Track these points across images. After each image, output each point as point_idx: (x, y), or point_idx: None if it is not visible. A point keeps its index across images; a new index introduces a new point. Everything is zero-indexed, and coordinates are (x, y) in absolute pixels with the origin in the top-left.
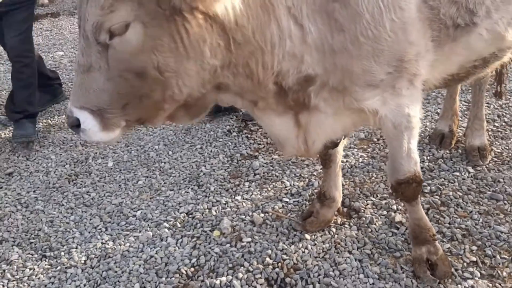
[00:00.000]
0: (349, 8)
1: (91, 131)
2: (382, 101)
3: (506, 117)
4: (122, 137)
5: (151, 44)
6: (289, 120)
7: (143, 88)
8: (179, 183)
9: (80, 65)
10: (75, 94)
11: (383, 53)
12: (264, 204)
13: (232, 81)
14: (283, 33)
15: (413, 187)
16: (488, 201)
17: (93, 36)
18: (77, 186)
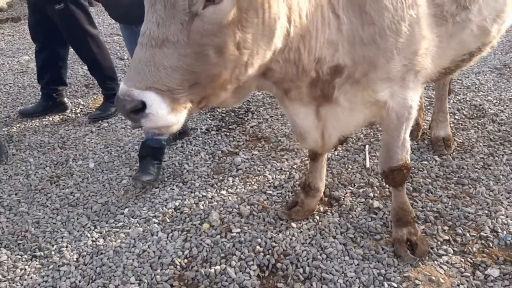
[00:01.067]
0: (379, 2)
1: (159, 115)
2: (391, 93)
3: (465, 110)
4: (181, 125)
5: (238, 17)
6: (312, 111)
7: (218, 66)
8: (164, 181)
9: (152, 38)
10: (139, 73)
11: (403, 45)
12: (249, 196)
13: (280, 66)
14: (324, 19)
15: (404, 173)
16: (455, 186)
17: (186, 3)
18: (60, 188)
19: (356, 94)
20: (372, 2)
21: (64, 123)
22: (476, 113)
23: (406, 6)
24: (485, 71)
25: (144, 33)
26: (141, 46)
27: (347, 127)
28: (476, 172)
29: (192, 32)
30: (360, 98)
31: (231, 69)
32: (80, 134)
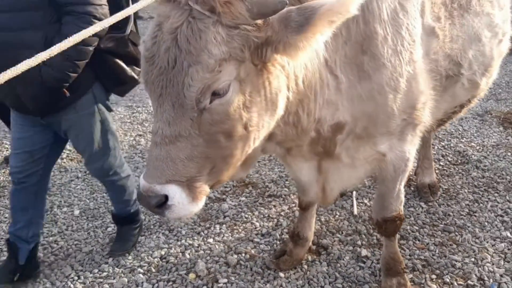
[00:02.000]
0: (376, 60)
1: (180, 205)
2: (390, 146)
3: (450, 156)
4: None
5: (243, 101)
6: (314, 166)
7: (229, 148)
8: (150, 228)
9: (165, 136)
10: (157, 169)
11: (401, 101)
12: (237, 245)
13: (280, 129)
14: (323, 82)
15: (397, 223)
16: (442, 233)
17: (194, 102)
18: (43, 236)
19: (357, 149)
20: (369, 60)
21: None
22: (460, 159)
23: (404, 62)
24: (468, 117)
25: (156, 132)
26: (155, 145)
27: (349, 181)
28: (462, 219)
29: (202, 124)
30: (362, 152)
31: (241, 147)
32: (65, 180)
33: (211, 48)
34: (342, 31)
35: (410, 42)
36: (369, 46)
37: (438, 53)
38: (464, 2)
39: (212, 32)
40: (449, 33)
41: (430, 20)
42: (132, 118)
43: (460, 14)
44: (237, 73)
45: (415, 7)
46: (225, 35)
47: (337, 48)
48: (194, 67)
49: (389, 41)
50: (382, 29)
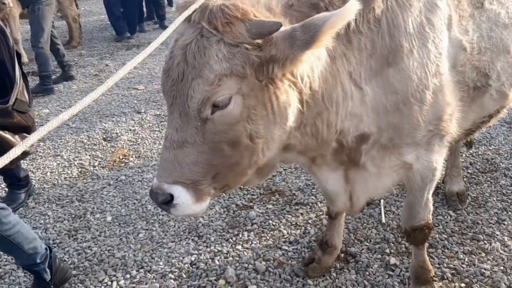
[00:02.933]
0: (402, 72)
1: (184, 205)
2: (417, 156)
3: (478, 164)
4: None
5: (247, 114)
6: (340, 175)
7: (235, 157)
8: (179, 234)
9: (173, 141)
10: (166, 170)
11: (427, 112)
12: (265, 252)
13: (299, 140)
14: (346, 94)
15: (425, 232)
16: (471, 242)
17: (196, 112)
18: (77, 241)
19: (383, 159)
20: (395, 73)
21: (82, 176)
22: (489, 167)
23: (430, 75)
24: (496, 124)
25: (167, 137)
26: (166, 148)
27: (376, 190)
28: (491, 227)
29: (206, 132)
30: (387, 162)
31: (248, 157)
32: (98, 187)
33: (213, 64)
34: (366, 45)
35: (436, 55)
36: (395, 59)
37: (466, 65)
38: (493, 15)
39: (214, 49)
40: (477, 45)
41: (458, 33)
42: (160, 127)
43: (489, 26)
44: (239, 88)
45: (441, 20)
46: (227, 53)
47: (361, 61)
48: (196, 80)
49: (414, 54)
50: (407, 42)
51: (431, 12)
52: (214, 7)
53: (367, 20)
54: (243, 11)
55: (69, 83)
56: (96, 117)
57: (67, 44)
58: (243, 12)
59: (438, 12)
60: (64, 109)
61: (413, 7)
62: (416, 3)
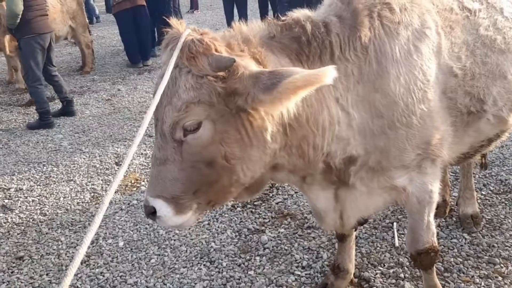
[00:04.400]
0: (388, 97)
1: (166, 217)
2: (409, 179)
3: (491, 185)
4: (194, 221)
5: (219, 137)
6: (330, 194)
7: (212, 175)
8: (191, 259)
9: (157, 158)
10: (152, 184)
11: (414, 136)
12: (277, 277)
13: (287, 160)
14: (333, 119)
15: (431, 256)
16: (486, 265)
17: (170, 135)
18: (90, 267)
19: (372, 180)
20: (381, 98)
21: (95, 200)
22: (503, 188)
23: (416, 101)
24: (509, 144)
25: (153, 155)
26: (152, 165)
27: (366, 210)
28: (507, 250)
29: (183, 152)
30: (377, 183)
31: (227, 176)
32: (110, 212)
33: (181, 93)
34: (353, 71)
35: (424, 81)
36: (381, 85)
37: (457, 91)
38: (488, 40)
39: (183, 80)
40: (470, 71)
41: (448, 60)
42: None
43: (484, 52)
44: (207, 114)
45: (429, 48)
46: (194, 83)
47: (348, 87)
48: (168, 107)
49: (401, 81)
50: (394, 69)
51: (419, 40)
52: (186, 41)
53: (353, 48)
54: (206, 47)
55: (82, 108)
56: (109, 141)
57: (80, 70)
58: (206, 47)
59: (426, 40)
60: (78, 134)
61: (401, 36)
62: (403, 32)
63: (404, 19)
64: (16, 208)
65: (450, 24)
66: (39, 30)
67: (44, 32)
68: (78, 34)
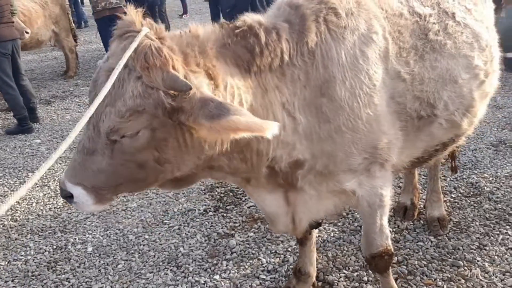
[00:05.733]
0: (334, 102)
1: (84, 205)
2: (358, 183)
3: (462, 188)
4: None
5: (156, 144)
6: (280, 197)
7: (141, 174)
8: (158, 265)
9: (85, 147)
10: (73, 169)
11: (360, 141)
12: (242, 282)
13: (226, 164)
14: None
15: (385, 259)
16: (450, 268)
17: (105, 134)
18: (56, 273)
19: (321, 184)
20: (327, 102)
21: (67, 206)
22: (473, 191)
23: (362, 105)
24: (482, 147)
25: (80, 141)
26: (78, 151)
27: (317, 212)
28: (472, 253)
29: (115, 151)
30: (325, 187)
31: (155, 175)
32: (81, 218)
33: (127, 98)
34: (300, 77)
35: (370, 86)
36: (327, 89)
37: (406, 95)
38: (438, 45)
39: (131, 85)
40: (418, 76)
41: (396, 65)
42: None
43: (434, 57)
44: (149, 123)
45: (376, 53)
46: (142, 91)
47: (295, 92)
48: (109, 108)
49: (347, 85)
50: (340, 73)
51: (365, 45)
52: (143, 46)
53: (301, 53)
54: (163, 61)
55: (63, 113)
56: None
57: (64, 74)
58: (163, 62)
59: (372, 45)
60: (56, 139)
61: (347, 40)
62: (349, 37)
63: (350, 23)
64: None
65: (399, 29)
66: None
67: (3, 40)
68: (61, 38)
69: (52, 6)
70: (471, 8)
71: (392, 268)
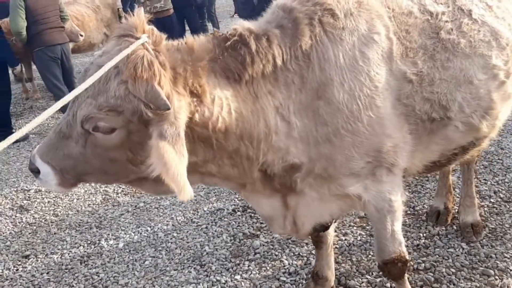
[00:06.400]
0: (332, 104)
1: (48, 183)
2: (364, 187)
3: (502, 193)
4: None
5: (130, 145)
6: (277, 202)
7: (112, 169)
8: (183, 262)
9: (61, 131)
10: (46, 147)
11: (362, 144)
12: (262, 283)
13: (216, 170)
14: (269, 130)
15: (399, 266)
16: (480, 277)
17: (80, 123)
18: (88, 267)
19: (322, 186)
20: (324, 105)
21: (105, 203)
22: None
23: (363, 107)
24: None
25: (60, 123)
26: (55, 131)
27: (321, 216)
28: (505, 262)
29: (88, 142)
30: (327, 190)
31: (125, 174)
32: (116, 214)
33: (109, 96)
34: (294, 80)
35: (371, 87)
36: (324, 92)
37: (413, 97)
38: (450, 44)
39: (115, 86)
40: (427, 77)
41: (402, 65)
42: None
43: (445, 57)
44: (125, 125)
45: (378, 54)
46: (124, 96)
47: (289, 96)
48: (90, 99)
49: (345, 87)
50: (337, 75)
51: (366, 45)
52: (136, 55)
53: (295, 57)
54: (150, 75)
55: None
56: None
57: None
58: (150, 76)
59: (374, 45)
60: None
61: (345, 41)
62: (348, 38)
63: (349, 24)
64: (32, 209)
65: (407, 28)
66: (46, 42)
67: (51, 44)
68: None
69: (104, 10)
70: (492, 5)
71: (418, 275)
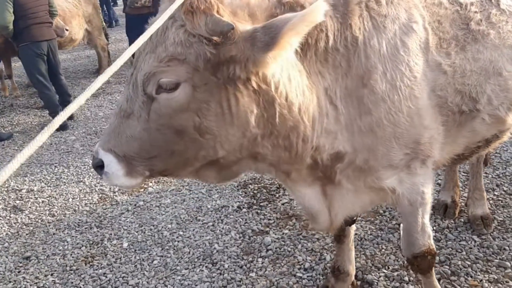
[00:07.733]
0: (376, 94)
1: (114, 175)
2: (399, 180)
3: (505, 186)
4: (140, 185)
5: (197, 107)
6: (318, 191)
7: (178, 145)
8: (194, 261)
9: (122, 109)
10: (107, 135)
11: (402, 135)
12: (279, 280)
13: (270, 151)
14: (322, 110)
15: (428, 259)
16: (496, 269)
17: (142, 86)
18: (93, 268)
19: (359, 179)
20: (369, 94)
21: (102, 202)
22: None
23: (403, 98)
24: None
25: (119, 104)
26: (114, 114)
27: (352, 208)
28: None
29: (151, 111)
30: (363, 182)
31: (194, 150)
32: (116, 213)
33: (168, 44)
34: (341, 63)
35: (410, 78)
36: (369, 80)
37: (447, 89)
38: (480, 36)
39: (173, 32)
40: (460, 68)
41: (437, 56)
42: None
43: (476, 48)
44: (189, 77)
45: (417, 44)
46: (184, 40)
47: (336, 78)
48: (149, 55)
49: (387, 76)
50: (381, 64)
51: (406, 35)
52: None
53: (344, 38)
54: (208, 5)
55: (96, 110)
56: None
57: (96, 73)
58: (208, 6)
59: (413, 35)
60: (90, 136)
61: (388, 30)
62: (390, 26)
63: (391, 12)
64: (26, 209)
65: (438, 19)
66: (34, 38)
67: (39, 40)
68: (94, 37)
69: (85, 6)
70: None
71: (435, 268)
